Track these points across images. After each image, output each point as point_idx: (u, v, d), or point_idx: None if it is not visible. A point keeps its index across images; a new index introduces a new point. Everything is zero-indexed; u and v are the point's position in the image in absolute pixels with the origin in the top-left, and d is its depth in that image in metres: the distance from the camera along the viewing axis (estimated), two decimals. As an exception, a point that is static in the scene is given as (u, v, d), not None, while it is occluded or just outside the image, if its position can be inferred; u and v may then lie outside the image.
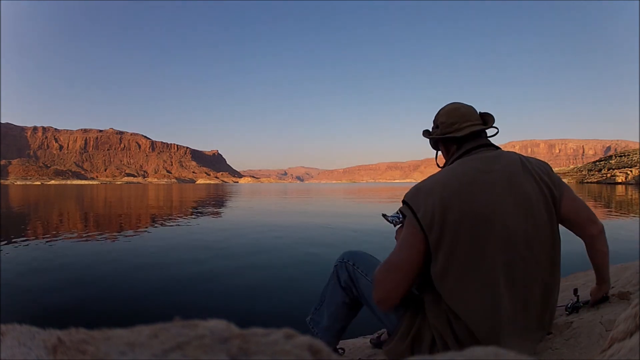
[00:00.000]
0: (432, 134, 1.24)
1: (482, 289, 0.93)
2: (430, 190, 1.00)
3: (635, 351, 0.40)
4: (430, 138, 1.26)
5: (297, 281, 3.27)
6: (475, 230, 0.94)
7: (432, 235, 0.95)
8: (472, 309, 0.93)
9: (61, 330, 0.26)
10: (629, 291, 1.53)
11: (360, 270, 1.22)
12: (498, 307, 0.93)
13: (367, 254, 1.30)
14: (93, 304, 2.74)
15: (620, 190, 31.63)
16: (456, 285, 0.93)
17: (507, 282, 0.94)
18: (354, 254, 1.28)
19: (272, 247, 4.92)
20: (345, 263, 1.27)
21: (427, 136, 1.27)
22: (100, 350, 0.23)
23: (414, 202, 1.00)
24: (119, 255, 4.43)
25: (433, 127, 1.24)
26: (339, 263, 1.30)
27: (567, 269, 3.17)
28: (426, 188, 1.01)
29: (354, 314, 1.31)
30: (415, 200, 1.00)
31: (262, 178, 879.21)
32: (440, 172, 1.08)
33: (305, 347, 0.23)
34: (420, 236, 0.97)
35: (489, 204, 0.95)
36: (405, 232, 1.00)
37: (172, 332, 0.24)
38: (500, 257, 0.94)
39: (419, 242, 0.97)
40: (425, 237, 0.96)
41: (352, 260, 1.26)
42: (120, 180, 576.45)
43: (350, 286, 1.25)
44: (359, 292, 1.23)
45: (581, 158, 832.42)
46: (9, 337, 0.25)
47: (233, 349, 0.22)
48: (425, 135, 1.28)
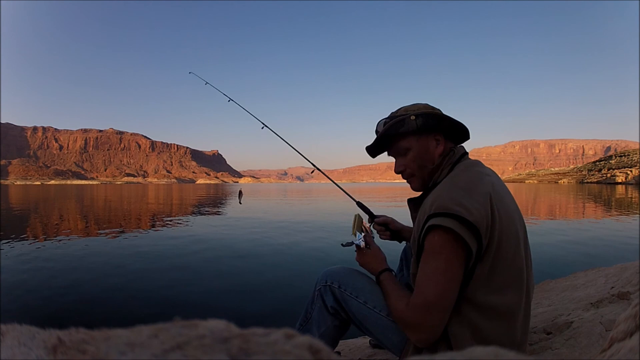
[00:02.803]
0: (444, 118, 1.03)
1: (517, 291, 0.91)
2: (473, 193, 0.87)
3: (635, 351, 0.40)
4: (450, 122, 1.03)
5: (298, 280, 3.27)
6: (510, 234, 0.90)
7: (485, 239, 0.84)
8: (507, 311, 0.89)
9: (61, 330, 0.26)
10: (628, 291, 1.53)
11: (349, 293, 1.10)
12: (524, 313, 0.93)
13: (349, 268, 1.19)
14: (93, 304, 2.74)
15: (620, 190, 31.63)
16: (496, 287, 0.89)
17: (528, 288, 0.95)
18: (336, 274, 1.15)
19: (273, 246, 4.91)
20: (330, 286, 1.14)
21: (439, 122, 1.03)
22: (100, 350, 0.23)
23: (458, 210, 0.83)
24: (120, 255, 4.42)
25: (427, 115, 1.02)
26: (322, 287, 1.16)
27: (567, 268, 3.18)
28: (466, 192, 0.87)
29: (346, 330, 1.20)
30: (459, 208, 0.83)
31: (262, 178, 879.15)
32: (466, 174, 0.94)
33: (305, 347, 0.23)
34: (463, 255, 0.84)
35: (512, 209, 0.93)
36: (443, 260, 0.84)
37: (172, 332, 0.23)
38: (523, 261, 0.93)
39: (462, 262, 0.85)
40: (466, 252, 0.84)
41: (337, 281, 1.13)
42: (120, 180, 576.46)
43: (339, 310, 1.13)
44: (350, 316, 1.12)
45: (581, 158, 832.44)
46: (9, 337, 0.25)
47: (233, 349, 0.22)
48: (428, 120, 1.01)
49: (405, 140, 1.04)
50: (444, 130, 1.04)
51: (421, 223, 0.89)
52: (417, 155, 1.03)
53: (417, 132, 1.02)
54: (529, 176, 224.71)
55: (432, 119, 1.02)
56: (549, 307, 1.73)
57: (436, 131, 1.03)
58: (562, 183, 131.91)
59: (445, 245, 0.84)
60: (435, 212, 0.85)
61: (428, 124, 1.01)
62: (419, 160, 1.03)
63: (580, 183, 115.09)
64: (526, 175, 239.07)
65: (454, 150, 1.04)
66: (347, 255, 3.87)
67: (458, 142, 1.09)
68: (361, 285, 1.11)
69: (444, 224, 0.83)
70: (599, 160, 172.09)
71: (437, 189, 0.93)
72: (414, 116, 1.01)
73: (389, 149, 1.10)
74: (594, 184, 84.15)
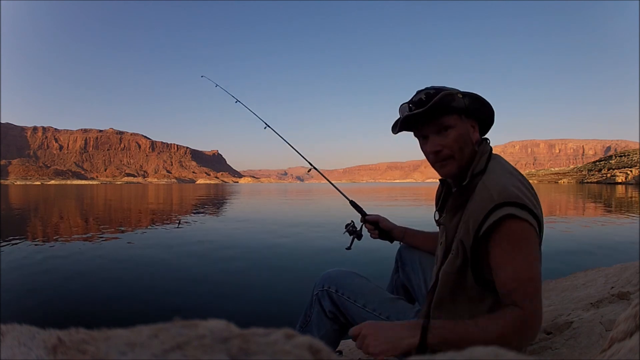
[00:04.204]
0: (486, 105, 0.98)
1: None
2: (526, 184, 0.86)
3: (635, 351, 0.40)
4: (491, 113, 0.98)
5: (298, 280, 3.27)
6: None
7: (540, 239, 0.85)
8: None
9: (61, 330, 0.26)
10: (628, 291, 1.53)
11: (347, 297, 1.08)
12: None
13: (347, 271, 1.16)
14: (93, 304, 2.74)
15: (620, 190, 31.63)
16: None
17: None
18: (334, 278, 1.13)
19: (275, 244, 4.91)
20: (327, 291, 1.12)
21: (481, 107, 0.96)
22: (100, 350, 0.23)
23: (524, 200, 0.81)
24: (120, 256, 4.42)
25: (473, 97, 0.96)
26: (320, 291, 1.14)
27: (567, 268, 3.18)
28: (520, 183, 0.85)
29: (345, 333, 1.15)
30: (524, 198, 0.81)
31: (262, 178, 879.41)
32: (508, 165, 0.92)
33: (305, 347, 0.23)
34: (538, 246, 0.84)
35: None
36: (532, 246, 0.80)
37: (172, 332, 0.23)
38: None
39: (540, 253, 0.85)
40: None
41: (335, 285, 1.11)
42: (120, 180, 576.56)
43: (338, 315, 1.11)
44: (348, 320, 1.09)
45: (581, 158, 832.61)
46: (9, 337, 0.25)
47: (233, 349, 0.22)
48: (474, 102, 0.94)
49: (450, 117, 0.92)
50: (480, 119, 0.98)
51: (484, 212, 0.81)
52: (460, 135, 0.92)
53: (464, 111, 0.93)
54: (529, 176, 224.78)
55: (477, 102, 0.95)
56: (549, 307, 1.72)
57: (475, 117, 0.97)
58: (562, 183, 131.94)
59: (529, 233, 0.79)
60: (507, 200, 0.79)
61: (474, 107, 0.95)
62: (461, 141, 0.92)
63: (580, 183, 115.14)
64: (526, 175, 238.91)
65: (487, 139, 0.99)
66: (348, 254, 3.86)
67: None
68: (359, 288, 1.08)
69: (521, 215, 0.78)
70: (599, 160, 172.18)
71: (496, 177, 0.85)
72: (461, 94, 0.93)
73: (427, 124, 0.94)
74: (594, 184, 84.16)
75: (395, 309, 1.04)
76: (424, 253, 1.26)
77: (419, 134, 0.98)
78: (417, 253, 1.29)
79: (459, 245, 0.86)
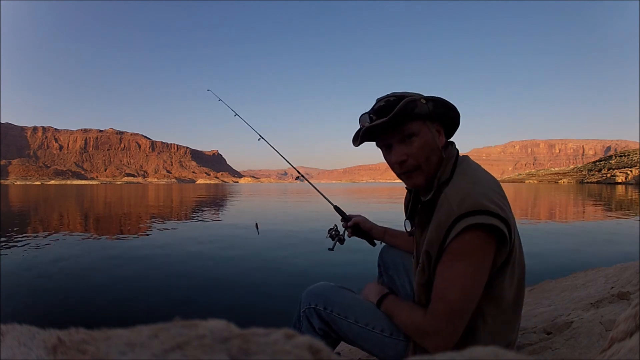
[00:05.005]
0: (452, 108, 0.96)
1: (522, 288, 0.92)
2: (493, 188, 0.84)
3: (635, 351, 0.40)
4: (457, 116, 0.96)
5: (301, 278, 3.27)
6: (516, 230, 0.88)
7: (514, 236, 0.83)
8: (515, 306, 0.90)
9: (61, 330, 0.26)
10: (628, 291, 1.53)
11: (336, 313, 1.03)
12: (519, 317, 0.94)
13: (332, 286, 1.11)
14: (93, 304, 2.74)
15: (620, 191, 31.62)
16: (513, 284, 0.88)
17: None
18: (320, 294, 1.08)
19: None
20: (315, 309, 1.07)
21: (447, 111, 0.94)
22: (100, 350, 0.23)
23: (489, 206, 0.79)
24: (120, 256, 4.42)
25: (438, 102, 0.93)
26: (307, 309, 1.08)
27: (567, 268, 3.18)
28: (487, 188, 0.83)
29: (337, 344, 1.15)
30: (490, 204, 0.79)
31: (262, 178, 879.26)
32: (476, 170, 0.90)
33: (305, 347, 0.23)
34: (492, 254, 0.81)
35: None
36: (472, 262, 0.79)
37: (172, 332, 0.23)
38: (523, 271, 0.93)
39: (490, 264, 0.81)
40: (498, 251, 0.82)
41: (322, 303, 1.06)
42: (120, 180, 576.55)
43: (328, 331, 1.07)
44: (340, 336, 1.06)
45: (581, 158, 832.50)
46: (9, 337, 0.25)
47: (233, 349, 0.22)
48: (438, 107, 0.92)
49: (414, 124, 0.90)
50: (446, 122, 0.96)
51: (446, 225, 0.80)
52: (424, 143, 0.90)
53: (428, 117, 0.90)
54: (529, 176, 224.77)
55: (442, 106, 0.92)
56: (549, 307, 1.72)
57: (440, 121, 0.94)
58: (562, 183, 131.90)
59: (477, 246, 0.78)
60: (468, 211, 0.78)
61: (438, 111, 0.92)
62: (428, 150, 0.90)
63: (580, 183, 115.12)
64: (526, 175, 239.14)
65: (452, 143, 0.97)
66: (348, 254, 3.88)
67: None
68: (348, 303, 1.04)
69: (482, 221, 0.77)
70: (599, 160, 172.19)
71: (458, 187, 0.84)
72: (424, 100, 0.90)
73: (390, 132, 0.91)
74: (594, 184, 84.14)
75: (387, 319, 1.00)
76: (406, 253, 1.24)
77: (382, 144, 0.96)
78: (398, 253, 1.27)
79: (425, 259, 0.88)
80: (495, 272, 0.84)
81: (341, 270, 3.55)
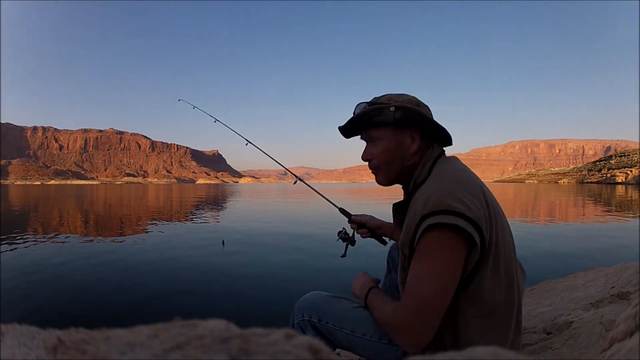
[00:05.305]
0: (425, 117, 0.96)
1: (510, 290, 0.89)
2: (467, 188, 0.84)
3: (635, 351, 0.40)
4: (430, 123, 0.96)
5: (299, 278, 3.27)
6: (503, 229, 0.88)
7: (487, 234, 0.82)
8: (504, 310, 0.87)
9: (61, 330, 0.26)
10: (628, 291, 1.53)
11: (332, 325, 1.02)
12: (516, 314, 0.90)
13: (324, 295, 1.09)
14: (93, 304, 2.74)
15: (620, 191, 31.61)
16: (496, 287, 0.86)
17: (518, 286, 0.93)
18: (313, 306, 1.07)
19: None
20: (309, 321, 1.06)
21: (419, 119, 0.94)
22: (100, 350, 0.23)
23: (457, 206, 0.79)
24: (120, 256, 4.42)
25: (408, 110, 0.95)
26: (301, 321, 1.07)
27: (567, 268, 3.18)
28: (460, 187, 0.83)
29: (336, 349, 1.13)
30: (458, 204, 0.79)
31: (262, 178, 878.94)
32: (452, 170, 0.91)
33: (305, 347, 0.23)
34: (463, 253, 0.80)
35: (496, 204, 0.91)
36: (441, 257, 0.79)
37: (172, 332, 0.23)
38: (514, 260, 0.91)
39: (461, 262, 0.80)
40: (467, 251, 0.81)
41: (317, 315, 1.05)
42: (120, 180, 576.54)
43: (325, 343, 1.07)
44: (337, 346, 1.05)
45: (581, 158, 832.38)
46: (9, 337, 0.25)
47: (233, 349, 0.22)
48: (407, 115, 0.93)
49: (379, 130, 0.97)
50: (422, 129, 0.97)
51: (413, 225, 0.83)
52: (387, 148, 0.96)
53: (394, 125, 0.95)
54: (529, 176, 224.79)
55: (411, 114, 0.94)
56: (549, 307, 1.72)
57: (413, 127, 0.96)
58: (562, 183, 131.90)
59: (443, 243, 0.79)
60: (431, 210, 0.80)
61: (406, 119, 0.94)
62: (388, 155, 0.96)
63: (580, 183, 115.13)
64: (526, 175, 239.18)
65: (433, 146, 0.98)
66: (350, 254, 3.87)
67: (435, 143, 1.02)
68: (341, 314, 1.02)
69: (444, 221, 0.78)
70: (599, 160, 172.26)
71: (427, 187, 0.87)
72: (393, 107, 0.94)
73: (361, 133, 1.03)
74: (594, 184, 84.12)
75: None
76: None
77: (362, 139, 1.05)
78: None
79: (402, 258, 0.90)
80: (472, 271, 0.83)
81: (350, 264, 3.54)
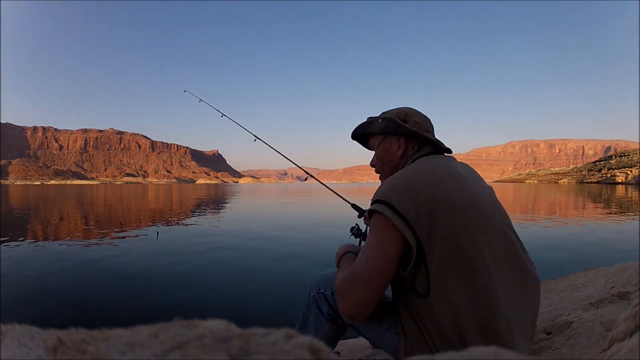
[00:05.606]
0: (401, 125, 1.09)
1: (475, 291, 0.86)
2: (407, 183, 0.91)
3: (635, 351, 0.40)
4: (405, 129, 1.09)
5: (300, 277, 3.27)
6: (464, 219, 0.88)
7: (421, 229, 0.85)
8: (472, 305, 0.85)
9: (61, 330, 0.26)
10: (628, 291, 1.53)
11: None
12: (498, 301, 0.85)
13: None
14: (93, 304, 2.74)
15: (620, 190, 31.62)
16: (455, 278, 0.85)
17: (513, 279, 0.90)
18: (329, 280, 1.15)
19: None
20: (323, 294, 1.15)
21: (397, 127, 1.09)
22: (100, 350, 0.23)
23: (390, 198, 0.88)
24: (120, 256, 4.43)
25: (389, 120, 1.10)
26: (316, 294, 1.17)
27: (567, 268, 3.18)
28: (401, 183, 0.91)
29: (343, 333, 1.20)
30: (392, 196, 0.89)
31: (262, 178, 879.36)
32: (409, 167, 1.00)
33: (305, 347, 0.23)
34: (398, 237, 0.86)
35: (469, 194, 0.92)
36: (376, 236, 0.88)
37: (172, 332, 0.24)
38: (485, 243, 0.88)
39: (395, 245, 0.86)
40: (403, 238, 0.86)
41: (330, 288, 1.13)
42: (120, 180, 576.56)
43: (335, 317, 1.13)
44: (345, 321, 1.08)
45: (581, 158, 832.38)
46: (9, 337, 0.25)
47: (233, 349, 0.22)
48: (389, 124, 1.09)
49: (372, 139, 1.19)
50: (406, 136, 1.10)
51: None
52: (380, 154, 1.15)
53: (382, 133, 1.13)
54: (529, 176, 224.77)
55: (392, 123, 1.11)
56: (549, 307, 1.73)
57: (398, 135, 1.11)
58: (562, 183, 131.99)
59: (378, 224, 0.89)
60: (374, 199, 0.93)
61: (388, 128, 1.11)
62: (381, 159, 1.15)
63: (580, 183, 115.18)
64: (526, 175, 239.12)
65: (414, 147, 1.10)
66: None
67: (426, 144, 1.09)
68: None
69: (377, 209, 0.89)
70: (599, 160, 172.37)
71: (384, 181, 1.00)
72: (381, 119, 1.13)
73: (365, 143, 1.25)
74: (594, 184, 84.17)
75: (388, 311, 1.02)
76: None
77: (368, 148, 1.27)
78: None
79: None
80: (413, 265, 0.87)
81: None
